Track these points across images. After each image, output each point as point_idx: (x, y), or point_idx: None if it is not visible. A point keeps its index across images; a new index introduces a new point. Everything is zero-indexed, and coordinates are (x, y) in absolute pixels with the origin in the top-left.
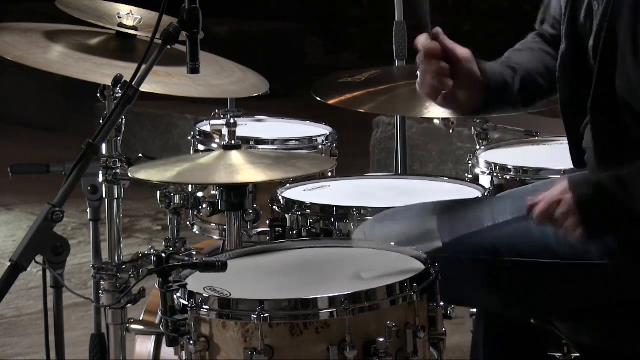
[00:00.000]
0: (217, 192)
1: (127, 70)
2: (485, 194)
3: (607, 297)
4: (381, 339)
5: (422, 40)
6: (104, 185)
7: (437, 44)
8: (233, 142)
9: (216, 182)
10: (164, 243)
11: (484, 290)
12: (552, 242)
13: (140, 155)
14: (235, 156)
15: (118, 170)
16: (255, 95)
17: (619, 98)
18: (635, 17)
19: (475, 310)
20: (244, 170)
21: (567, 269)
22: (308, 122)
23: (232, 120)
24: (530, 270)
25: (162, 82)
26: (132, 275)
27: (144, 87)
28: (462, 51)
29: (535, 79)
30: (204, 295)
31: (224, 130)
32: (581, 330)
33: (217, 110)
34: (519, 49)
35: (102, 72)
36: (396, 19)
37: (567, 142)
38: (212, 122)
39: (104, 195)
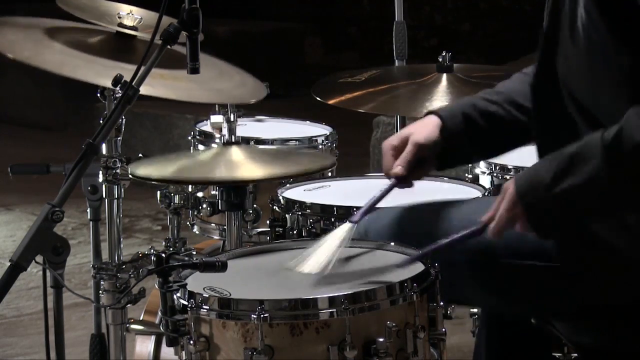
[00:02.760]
0: (217, 192)
1: (127, 70)
2: (486, 194)
3: (605, 297)
4: (381, 339)
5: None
6: (104, 185)
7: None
8: (233, 138)
9: (216, 178)
10: (164, 243)
11: (481, 291)
12: (547, 244)
13: (140, 155)
14: (236, 152)
15: (118, 170)
16: (253, 102)
17: (561, 84)
18: None
19: (475, 310)
20: (244, 166)
21: (562, 271)
22: (308, 122)
23: (232, 117)
24: (527, 271)
25: (169, 85)
26: (132, 275)
27: (151, 91)
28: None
29: (519, 101)
30: (204, 295)
31: (224, 127)
32: (581, 330)
33: (216, 107)
34: (513, 79)
35: (102, 72)
36: (396, 19)
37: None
38: (213, 118)
39: (104, 195)
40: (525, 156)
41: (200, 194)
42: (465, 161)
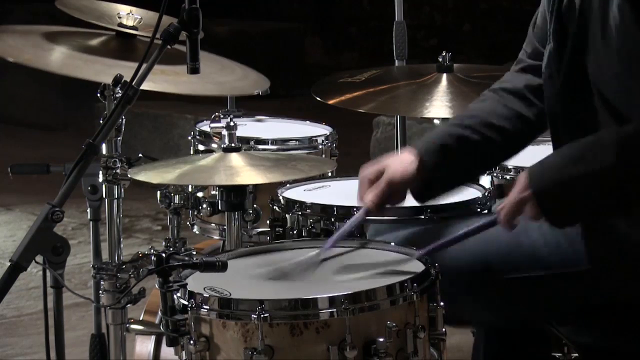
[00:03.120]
0: (217, 192)
1: (127, 70)
2: (486, 194)
3: (603, 299)
4: (381, 339)
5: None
6: (104, 185)
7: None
8: (233, 144)
9: (216, 185)
10: (164, 243)
11: (478, 306)
12: (543, 252)
13: (140, 155)
14: (235, 158)
15: (118, 170)
16: (256, 93)
17: (591, 84)
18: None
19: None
20: (243, 172)
21: (560, 278)
22: (308, 122)
23: (232, 123)
24: (524, 283)
25: (171, 80)
26: (132, 275)
27: (154, 86)
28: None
29: (494, 122)
30: (204, 295)
31: (224, 133)
32: (581, 331)
33: (217, 113)
34: (483, 99)
35: (102, 72)
36: (396, 19)
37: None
38: (212, 124)
39: (104, 195)
40: (525, 156)
41: (200, 194)
42: (443, 194)
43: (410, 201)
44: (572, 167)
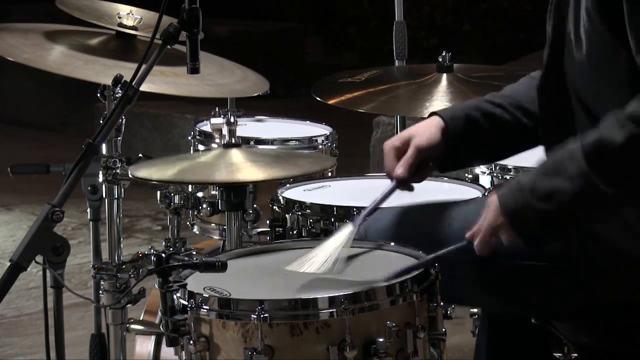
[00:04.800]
0: (217, 192)
1: (127, 70)
2: (486, 194)
3: (605, 297)
4: (381, 339)
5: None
6: (104, 185)
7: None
8: (233, 140)
9: (216, 181)
10: (164, 243)
11: (480, 291)
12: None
13: (140, 155)
14: (236, 154)
15: (118, 170)
16: (255, 95)
17: (568, 85)
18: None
19: (475, 310)
20: (244, 168)
21: (560, 270)
22: (308, 122)
23: (232, 119)
24: (527, 272)
25: (170, 82)
26: (132, 275)
27: (153, 88)
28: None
29: (526, 106)
30: (204, 295)
31: (224, 129)
32: (580, 331)
33: (216, 109)
34: (520, 83)
35: (102, 72)
36: (396, 19)
37: None
38: (213, 120)
39: (104, 195)
40: (525, 156)
41: (200, 194)
42: (467, 164)
43: (410, 201)
44: (541, 184)
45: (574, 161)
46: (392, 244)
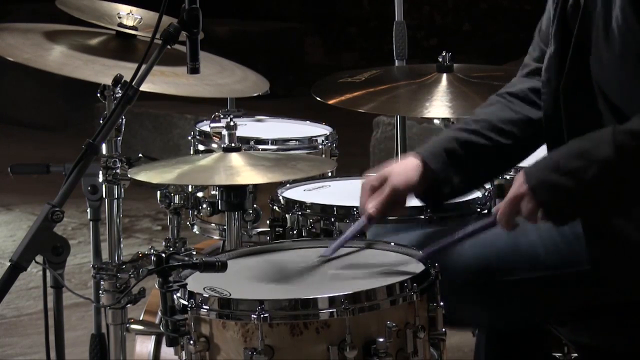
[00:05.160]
0: (217, 192)
1: (127, 70)
2: (486, 194)
3: (603, 299)
4: (381, 339)
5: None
6: (104, 185)
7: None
8: (233, 144)
9: (216, 185)
10: (164, 243)
11: (477, 308)
12: (541, 252)
13: (140, 155)
14: (235, 158)
15: (118, 170)
16: (255, 94)
17: (593, 83)
18: None
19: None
20: (243, 172)
21: (559, 279)
22: (308, 122)
23: (232, 123)
24: (523, 285)
25: (170, 82)
26: (132, 275)
27: (153, 88)
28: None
29: (501, 126)
30: (204, 295)
31: (224, 133)
32: (580, 331)
33: (217, 112)
34: (489, 104)
35: (102, 72)
36: (396, 19)
37: None
38: (212, 124)
39: (104, 195)
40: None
41: (200, 194)
42: (455, 195)
43: (410, 201)
44: (570, 161)
45: (603, 146)
46: (392, 243)
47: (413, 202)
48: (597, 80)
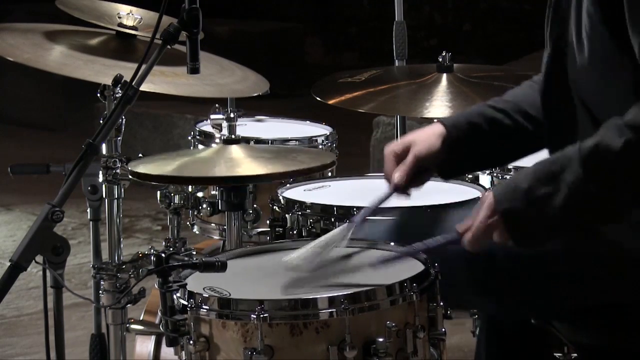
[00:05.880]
0: (217, 192)
1: (127, 70)
2: (486, 194)
3: (602, 299)
4: (381, 339)
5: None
6: (104, 185)
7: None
8: (233, 136)
9: (216, 176)
10: (164, 243)
11: (480, 295)
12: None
13: (140, 155)
14: (236, 150)
15: (118, 170)
16: (255, 94)
17: (571, 89)
18: None
19: (475, 310)
20: (244, 164)
21: (559, 272)
22: (308, 122)
23: (232, 115)
24: (525, 274)
25: (170, 82)
26: (132, 275)
27: (154, 88)
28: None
29: (528, 110)
30: (204, 295)
31: (224, 125)
32: (580, 331)
33: (216, 105)
34: (522, 87)
35: (102, 72)
36: (396, 19)
37: None
38: (212, 116)
39: (104, 195)
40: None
41: (200, 194)
42: (468, 171)
43: (410, 201)
44: (539, 187)
45: (570, 167)
46: (392, 243)
47: (413, 202)
48: (574, 85)
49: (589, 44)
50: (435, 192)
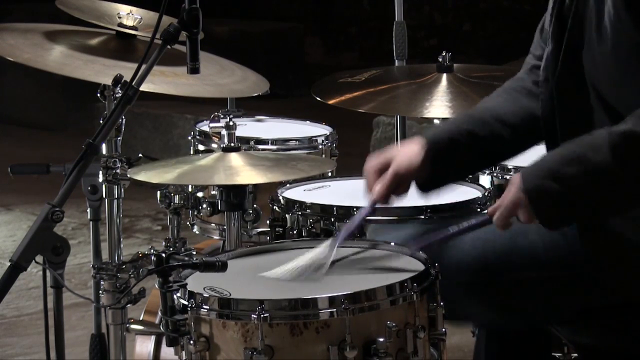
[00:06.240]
0: (217, 192)
1: (127, 70)
2: (486, 194)
3: (602, 299)
4: (381, 339)
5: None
6: (104, 185)
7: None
8: (232, 144)
9: (216, 184)
10: (164, 243)
11: (477, 307)
12: (542, 253)
13: (140, 155)
14: (235, 158)
15: (118, 170)
16: (255, 94)
17: (586, 80)
18: None
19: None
20: (243, 172)
21: (559, 279)
22: (308, 122)
23: (231, 123)
24: (523, 284)
25: (170, 82)
26: (132, 275)
27: (153, 88)
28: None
29: (505, 118)
30: (204, 295)
31: (224, 133)
32: (580, 331)
33: (216, 112)
34: (496, 95)
35: (102, 72)
36: (396, 19)
37: None
38: (212, 124)
39: (104, 195)
40: (525, 156)
41: (200, 194)
42: (447, 182)
43: (410, 201)
44: (565, 168)
45: (600, 151)
46: (392, 243)
47: (413, 202)
48: (590, 77)
49: (613, 33)
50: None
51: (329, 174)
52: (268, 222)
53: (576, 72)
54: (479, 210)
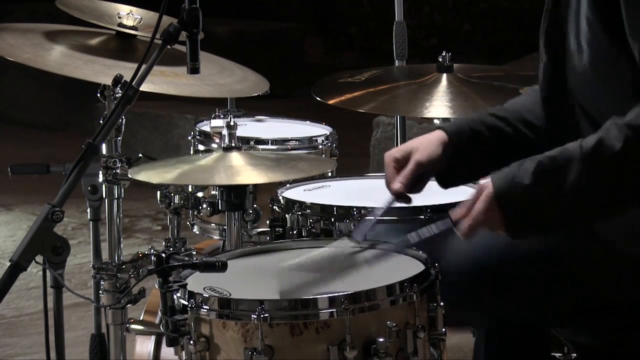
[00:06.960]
0: (217, 192)
1: (127, 70)
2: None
3: (602, 299)
4: (381, 339)
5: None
6: (104, 185)
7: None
8: (233, 143)
9: (216, 184)
10: (164, 243)
11: (476, 308)
12: (541, 254)
13: (140, 155)
14: (235, 158)
15: (118, 170)
16: (255, 94)
17: (571, 95)
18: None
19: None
20: (244, 171)
21: (558, 279)
22: (308, 122)
23: (232, 122)
24: (521, 285)
25: (170, 82)
26: (132, 275)
27: (153, 88)
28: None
29: (529, 119)
30: (204, 295)
31: (224, 132)
32: (580, 331)
33: (217, 111)
34: (521, 96)
35: (102, 72)
36: (396, 19)
37: None
38: (213, 123)
39: (104, 195)
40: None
41: (200, 194)
42: (468, 179)
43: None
44: (539, 182)
45: (572, 163)
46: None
47: (413, 202)
48: (573, 91)
49: (589, 49)
50: (435, 192)
51: (329, 174)
52: (268, 222)
53: (560, 86)
54: None
